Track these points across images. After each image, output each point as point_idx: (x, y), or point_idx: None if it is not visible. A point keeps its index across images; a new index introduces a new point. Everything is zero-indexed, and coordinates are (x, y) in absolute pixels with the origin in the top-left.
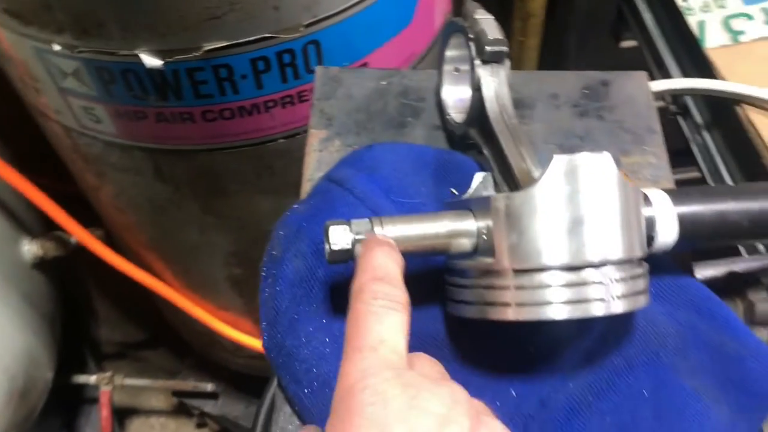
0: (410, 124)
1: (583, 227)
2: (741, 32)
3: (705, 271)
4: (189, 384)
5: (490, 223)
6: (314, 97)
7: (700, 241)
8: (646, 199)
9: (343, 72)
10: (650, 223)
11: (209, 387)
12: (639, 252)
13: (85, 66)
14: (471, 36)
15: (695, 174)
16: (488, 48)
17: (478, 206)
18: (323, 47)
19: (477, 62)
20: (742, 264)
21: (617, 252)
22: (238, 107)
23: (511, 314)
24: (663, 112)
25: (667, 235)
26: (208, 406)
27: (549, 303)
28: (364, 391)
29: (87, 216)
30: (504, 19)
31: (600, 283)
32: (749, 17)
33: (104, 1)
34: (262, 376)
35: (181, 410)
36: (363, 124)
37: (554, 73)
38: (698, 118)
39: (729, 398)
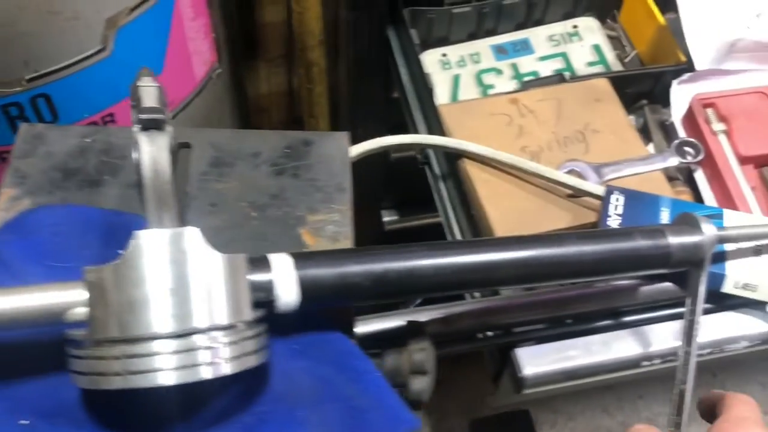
0: (107, 183)
1: (172, 297)
2: (491, 86)
3: (375, 324)
4: None
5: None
6: (13, 156)
7: (325, 300)
8: (267, 264)
9: (48, 129)
10: (269, 286)
11: None
12: (234, 317)
13: None
14: (133, 103)
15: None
16: (141, 116)
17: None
18: (55, 100)
19: (135, 128)
20: (420, 315)
21: (203, 319)
22: None
23: (118, 383)
24: (413, 162)
25: (289, 296)
26: None
27: (154, 370)
28: None
29: None
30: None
31: (206, 347)
32: (499, 72)
33: None
34: None
35: None
36: (57, 183)
37: (260, 132)
38: (437, 170)
39: None
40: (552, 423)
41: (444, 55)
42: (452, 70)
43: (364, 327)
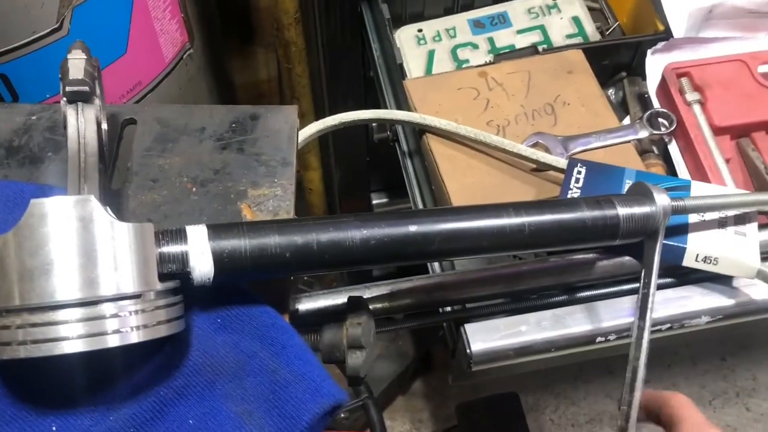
0: (49, 159)
1: (75, 264)
2: (466, 61)
3: (321, 301)
4: None
5: None
6: None
7: (246, 273)
8: (184, 236)
9: None
10: (184, 258)
11: None
12: (141, 285)
13: None
14: (60, 76)
15: None
16: (68, 88)
17: None
18: (13, 80)
19: (63, 101)
20: (371, 290)
21: (109, 287)
22: None
23: (21, 352)
24: (385, 141)
25: (203, 267)
26: None
27: (59, 338)
28: None
29: None
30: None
31: (113, 315)
32: (475, 46)
33: None
34: None
35: None
36: None
37: (208, 107)
38: (404, 146)
39: (271, 423)
40: (554, 407)
41: (420, 30)
42: (427, 45)
43: (309, 303)
